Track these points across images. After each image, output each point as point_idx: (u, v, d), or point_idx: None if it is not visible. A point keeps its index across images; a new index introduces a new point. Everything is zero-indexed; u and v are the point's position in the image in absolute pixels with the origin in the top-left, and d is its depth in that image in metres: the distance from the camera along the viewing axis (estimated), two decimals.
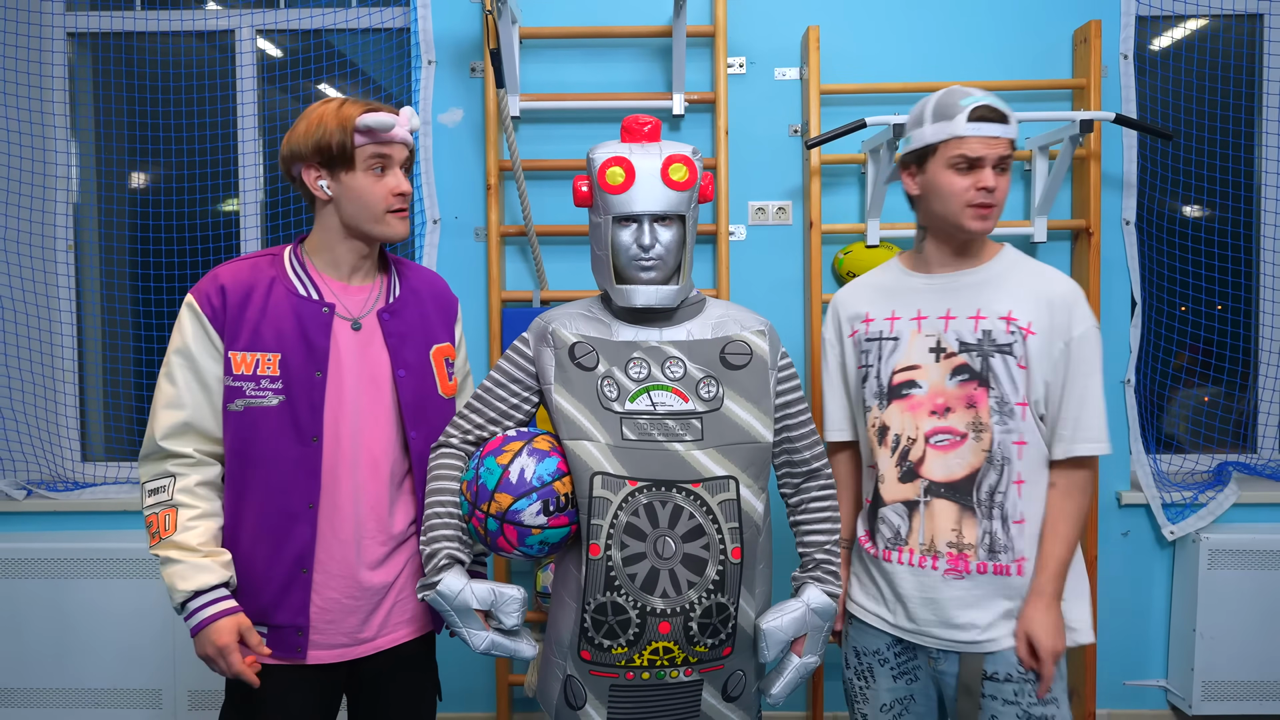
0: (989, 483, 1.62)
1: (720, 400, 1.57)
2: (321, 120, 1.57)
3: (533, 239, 2.77)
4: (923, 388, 1.67)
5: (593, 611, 1.50)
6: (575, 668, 1.54)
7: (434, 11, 2.82)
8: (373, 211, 1.60)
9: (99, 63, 3.10)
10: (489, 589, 1.53)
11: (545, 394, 1.61)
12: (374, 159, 1.59)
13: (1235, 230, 3.01)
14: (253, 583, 1.59)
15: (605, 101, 2.76)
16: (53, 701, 2.80)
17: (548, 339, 1.63)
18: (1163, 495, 2.85)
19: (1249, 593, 2.76)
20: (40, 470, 3.01)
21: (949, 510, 1.64)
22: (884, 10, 2.83)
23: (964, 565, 1.63)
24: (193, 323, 1.57)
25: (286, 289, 1.61)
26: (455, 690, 2.94)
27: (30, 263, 2.98)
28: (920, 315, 1.69)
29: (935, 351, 1.66)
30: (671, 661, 1.51)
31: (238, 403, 1.56)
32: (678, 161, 1.56)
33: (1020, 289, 1.64)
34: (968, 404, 1.63)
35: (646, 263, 1.57)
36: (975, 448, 1.62)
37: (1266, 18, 2.94)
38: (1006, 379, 1.62)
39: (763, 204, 2.87)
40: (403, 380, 1.65)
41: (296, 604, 1.59)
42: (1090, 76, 2.71)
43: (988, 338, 1.63)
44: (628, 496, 1.49)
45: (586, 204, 1.63)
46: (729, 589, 1.52)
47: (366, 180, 1.59)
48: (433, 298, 1.77)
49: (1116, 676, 2.93)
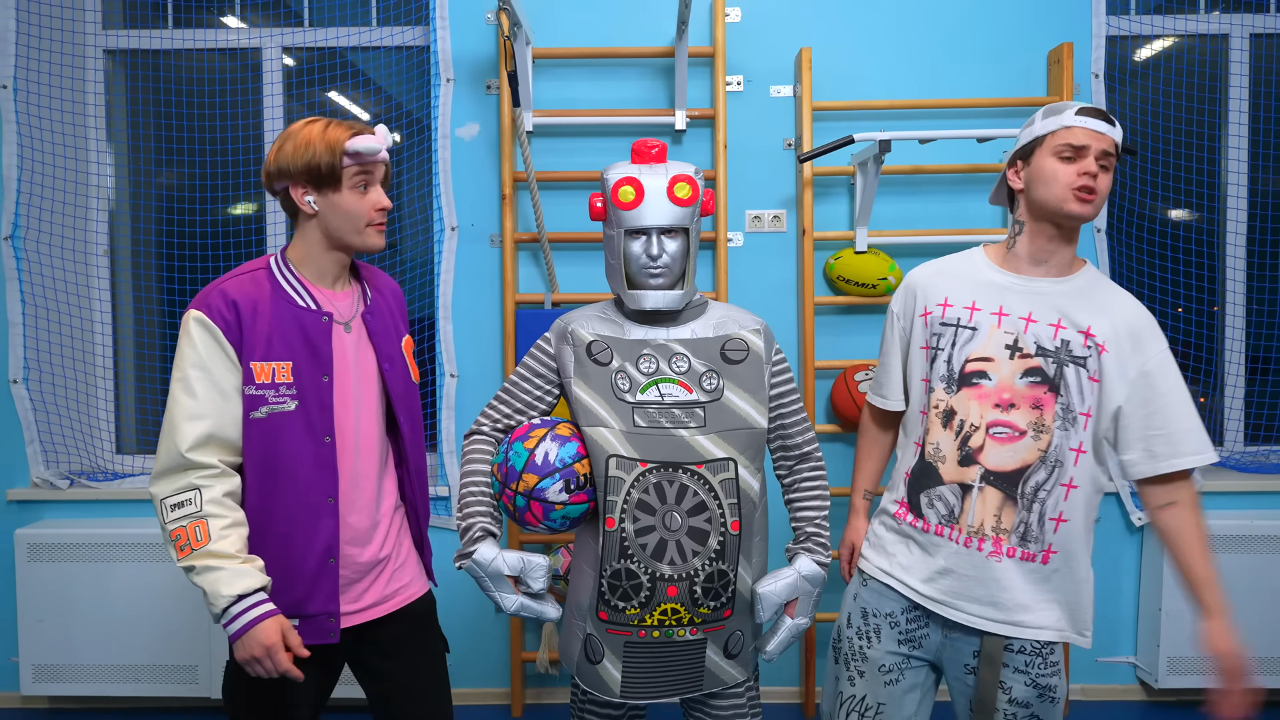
0: (1036, 479, 1.70)
1: (721, 391, 1.77)
2: (309, 143, 1.65)
3: (545, 245, 2.97)
4: (992, 380, 1.73)
5: (609, 577, 1.69)
6: (594, 627, 1.74)
7: (452, 32, 3.01)
8: (355, 225, 1.71)
9: (133, 79, 3.29)
10: (518, 557, 1.73)
11: (565, 387, 1.81)
12: (359, 177, 1.69)
13: (1202, 235, 3.20)
14: (286, 579, 1.69)
15: (613, 117, 2.96)
16: (97, 676, 2.98)
17: (567, 338, 1.83)
18: (1131, 484, 3.04)
19: None
20: (80, 461, 3.19)
21: (996, 498, 1.72)
22: (872, 33, 3.03)
23: (999, 548, 1.71)
24: (205, 337, 1.62)
25: (286, 301, 1.69)
26: (470, 667, 3.13)
27: (72, 266, 3.16)
28: (1002, 311, 1.74)
29: (1011, 349, 1.72)
30: (679, 621, 1.71)
31: (262, 410, 1.64)
32: (682, 180, 1.76)
33: (1100, 308, 1.70)
34: (1034, 404, 1.70)
35: (654, 270, 1.77)
36: (1032, 446, 1.70)
37: (1230, 39, 3.14)
38: (1076, 389, 1.68)
39: (759, 213, 3.06)
40: (389, 373, 1.80)
41: (326, 592, 1.71)
42: (1063, 94, 2.91)
43: (1065, 347, 1.69)
44: (639, 476, 1.69)
45: (601, 218, 1.83)
46: (729, 557, 1.72)
47: (352, 197, 1.69)
48: (390, 295, 1.90)
49: (1089, 653, 3.13)
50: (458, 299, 3.06)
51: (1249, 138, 3.15)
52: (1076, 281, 1.74)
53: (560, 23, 3.02)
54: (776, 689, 3.13)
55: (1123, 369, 1.67)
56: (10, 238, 3.04)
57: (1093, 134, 1.66)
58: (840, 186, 3.07)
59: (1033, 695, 1.73)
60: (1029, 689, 1.73)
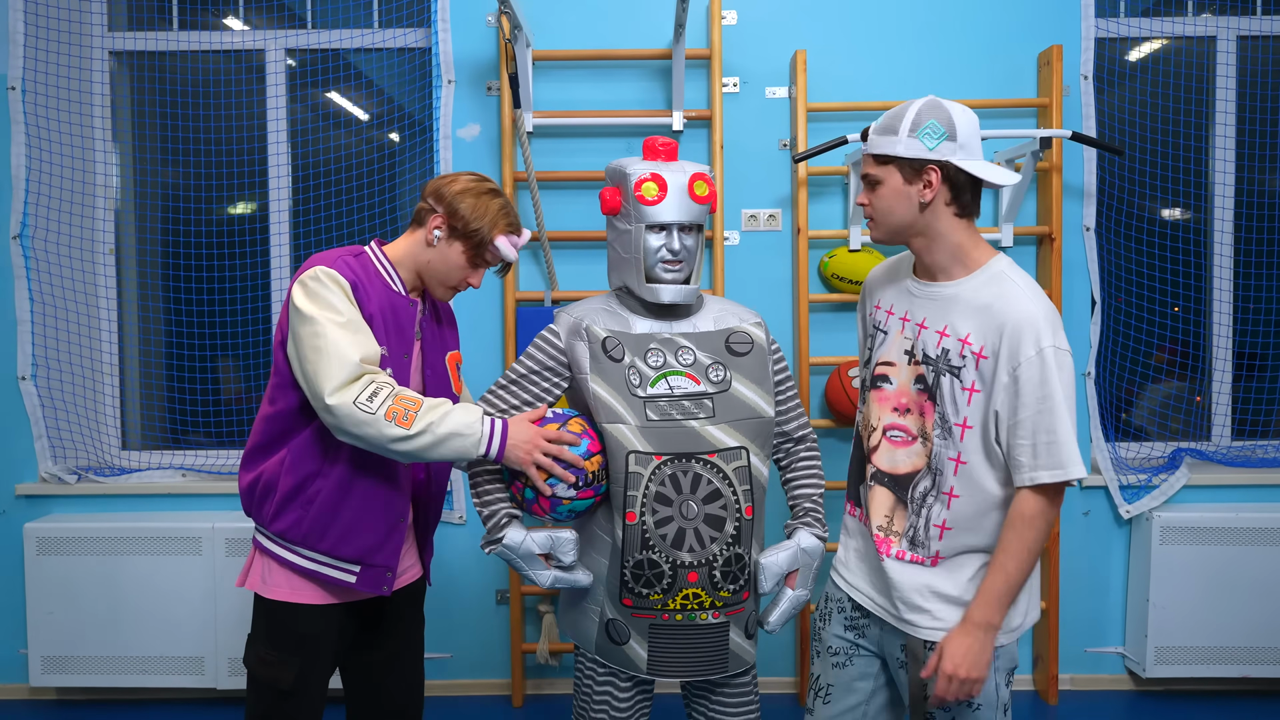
0: (924, 485, 1.68)
1: (729, 382, 1.83)
2: (487, 212, 1.80)
3: (545, 244, 3.02)
4: (893, 384, 1.74)
5: (632, 567, 1.76)
6: (618, 612, 1.80)
7: (454, 34, 3.05)
8: (445, 282, 1.85)
9: (138, 80, 3.33)
10: (546, 535, 1.80)
11: (579, 382, 1.84)
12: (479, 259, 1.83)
13: (1189, 235, 3.25)
14: (362, 529, 1.80)
15: (611, 118, 3.01)
16: (106, 668, 3.03)
17: (581, 334, 1.86)
18: (1120, 478, 3.11)
19: (1197, 566, 3.01)
20: (88, 456, 3.24)
21: (886, 498, 1.73)
22: (865, 36, 3.09)
23: (887, 549, 1.71)
24: (336, 287, 1.71)
25: (384, 284, 1.82)
26: (471, 658, 3.18)
27: (78, 265, 3.21)
28: (906, 317, 1.74)
29: (909, 355, 1.71)
30: (700, 605, 1.77)
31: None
32: (701, 179, 1.82)
33: (983, 311, 1.62)
34: (920, 412, 1.69)
35: (673, 265, 1.83)
36: (920, 451, 1.69)
37: (1218, 41, 3.20)
38: (950, 400, 1.63)
39: (755, 212, 3.12)
40: (430, 379, 1.91)
41: (393, 548, 1.84)
42: (1053, 96, 2.97)
43: (944, 356, 1.65)
44: (655, 469, 1.75)
45: (615, 212, 1.86)
46: (744, 541, 1.79)
47: (461, 262, 1.82)
48: (446, 311, 2.04)
49: (1078, 644, 3.19)
50: (459, 296, 3.01)
51: (1236, 138, 3.20)
52: (972, 283, 1.66)
53: (560, 25, 3.07)
54: (773, 679, 3.19)
55: (998, 373, 1.58)
56: (19, 237, 3.09)
57: (864, 158, 1.71)
58: (834, 186, 3.13)
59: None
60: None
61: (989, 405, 1.60)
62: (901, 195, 1.64)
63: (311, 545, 1.79)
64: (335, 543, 1.79)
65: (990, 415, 1.60)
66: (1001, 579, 1.59)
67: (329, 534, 1.78)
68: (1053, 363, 1.56)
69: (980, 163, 1.63)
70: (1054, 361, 1.56)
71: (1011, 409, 1.58)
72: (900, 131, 1.61)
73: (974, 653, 1.59)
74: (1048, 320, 1.58)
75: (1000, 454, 1.62)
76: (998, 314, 1.59)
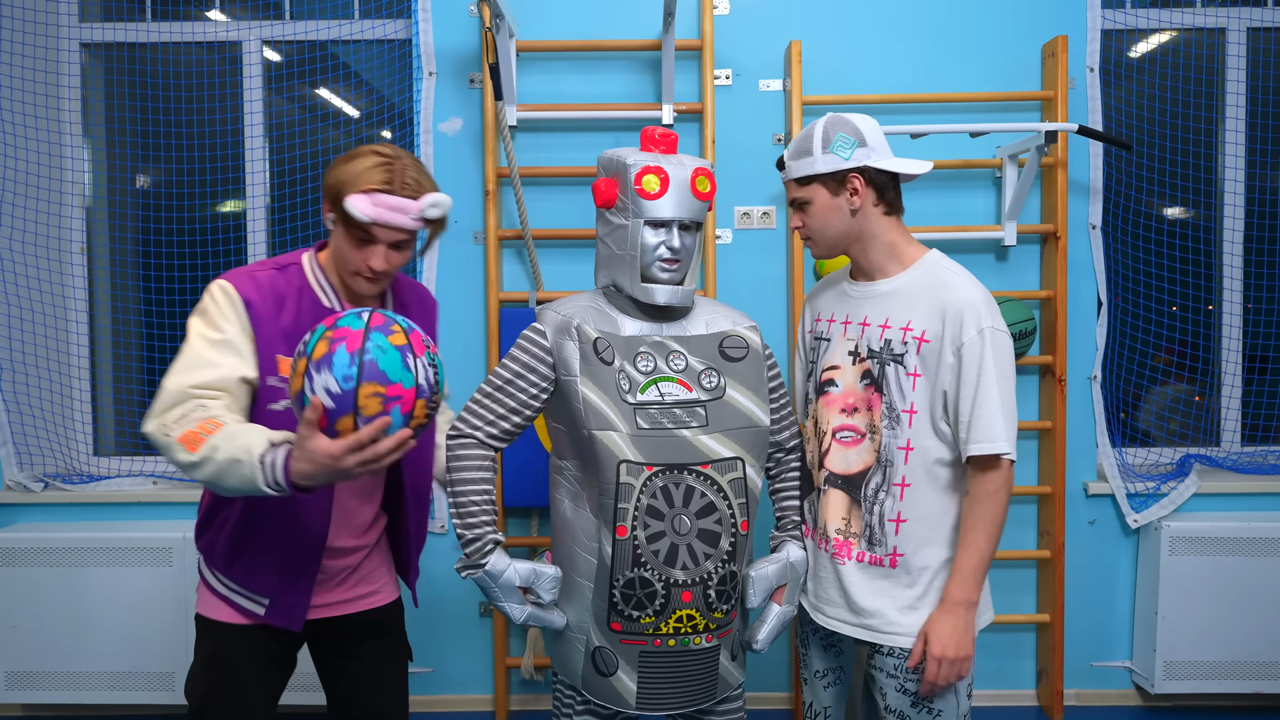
0: (875, 481, 1.72)
1: (723, 389, 1.72)
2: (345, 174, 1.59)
3: (529, 242, 2.91)
4: (839, 386, 1.78)
5: (622, 587, 1.63)
6: (605, 639, 1.68)
7: (434, 25, 2.94)
8: (343, 268, 1.66)
9: (111, 72, 3.22)
10: (530, 568, 1.68)
11: (566, 385, 1.70)
12: (358, 229, 1.59)
13: (1198, 233, 3.15)
14: (272, 563, 1.69)
15: (598, 112, 2.90)
16: (73, 684, 2.91)
17: (571, 333, 1.72)
18: (1127, 486, 3.00)
19: (1207, 577, 2.90)
20: (56, 464, 3.13)
21: (841, 500, 1.76)
22: (863, 26, 2.98)
23: (847, 552, 1.74)
24: (227, 303, 1.59)
25: (313, 299, 1.68)
26: (454, 674, 3.07)
27: (46, 265, 3.10)
28: (847, 320, 1.80)
29: (853, 355, 1.77)
30: (694, 629, 1.65)
31: (281, 403, 1.63)
32: (703, 174, 1.71)
33: (923, 299, 1.70)
34: (868, 406, 1.73)
35: (671, 264, 1.71)
36: (869, 448, 1.73)
37: (1228, 32, 3.09)
38: (896, 387, 1.70)
39: (748, 209, 3.01)
40: None
41: (305, 582, 1.72)
42: (1058, 89, 2.86)
43: (887, 347, 1.71)
44: (646, 480, 1.63)
45: (609, 204, 1.73)
46: (739, 558, 1.68)
47: (347, 242, 1.61)
48: (418, 306, 1.87)
49: (1083, 658, 3.08)
50: (440, 298, 2.95)
51: (1246, 134, 3.10)
52: (908, 277, 1.75)
53: (544, 15, 2.96)
54: (766, 694, 3.08)
55: (942, 354, 1.66)
56: None
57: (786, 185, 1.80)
58: None
59: (905, 704, 1.71)
60: (900, 695, 1.71)
61: (934, 387, 1.67)
62: (832, 208, 1.74)
63: (224, 570, 1.72)
64: (244, 574, 1.71)
65: (937, 396, 1.67)
66: (974, 553, 1.65)
67: (237, 564, 1.71)
68: (990, 343, 1.64)
69: (895, 159, 1.72)
70: (992, 342, 1.64)
71: (955, 387, 1.66)
72: (814, 151, 1.72)
73: (959, 632, 1.64)
74: (986, 304, 1.67)
75: (948, 434, 1.68)
76: (939, 300, 1.68)
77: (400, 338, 1.41)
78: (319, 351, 1.38)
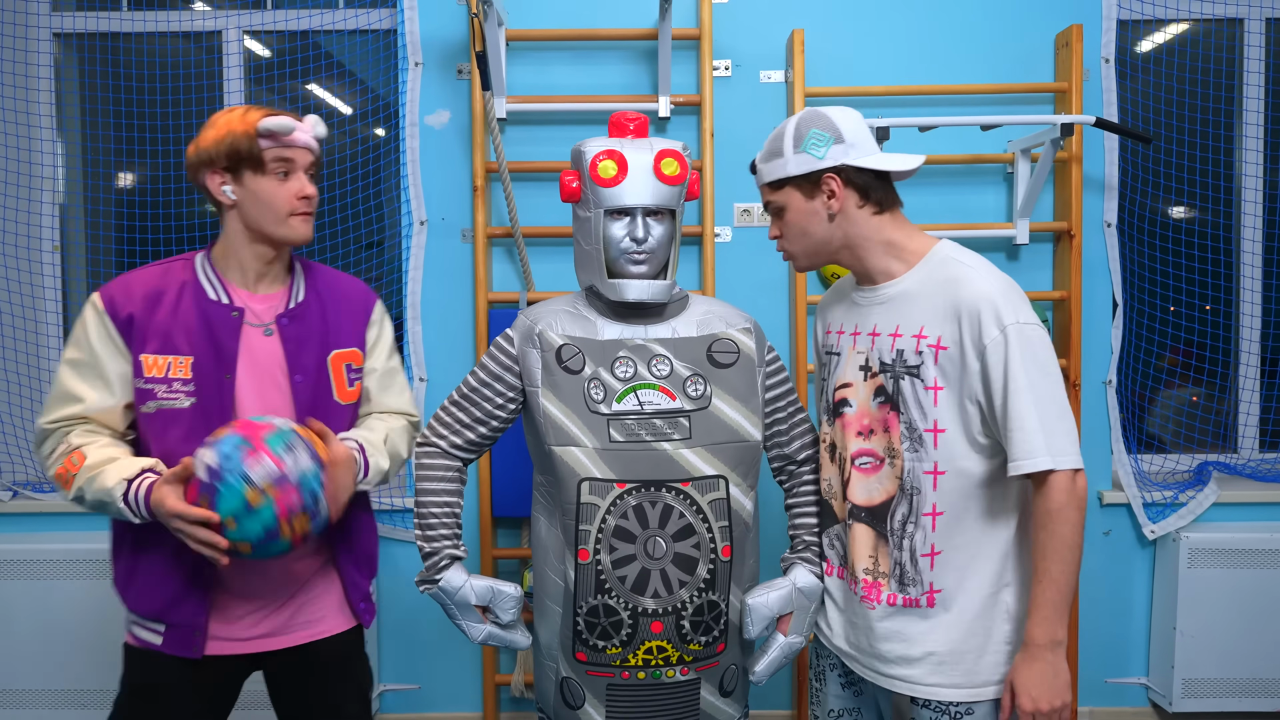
0: (901, 511, 1.52)
1: (708, 399, 1.58)
2: (229, 127, 1.60)
3: (519, 241, 2.78)
4: (853, 407, 1.59)
5: (585, 614, 1.51)
6: (571, 669, 1.55)
7: (420, 13, 2.82)
8: (276, 213, 1.63)
9: (85, 63, 3.09)
10: (488, 586, 1.57)
11: (530, 396, 1.61)
12: (277, 162, 1.61)
13: (1216, 232, 3.03)
14: (160, 581, 1.61)
15: (591, 104, 2.77)
16: (37, 702, 2.78)
17: (534, 340, 1.61)
18: (1143, 495, 2.88)
19: (1228, 591, 2.78)
20: (25, 471, 3.00)
21: (867, 536, 1.56)
22: (868, 14, 2.85)
23: (876, 595, 1.55)
24: (96, 323, 1.59)
25: (196, 294, 1.63)
26: (441, 691, 2.94)
27: (16, 263, 2.97)
28: (856, 331, 1.61)
29: (864, 370, 1.58)
30: (666, 661, 1.53)
31: (149, 404, 1.58)
32: (669, 156, 1.57)
33: (935, 300, 1.50)
34: (884, 427, 1.53)
35: (638, 256, 1.58)
36: (890, 474, 1.53)
37: (1246, 22, 2.97)
38: (914, 404, 1.49)
39: (748, 206, 2.88)
40: (299, 385, 1.65)
41: (195, 604, 1.61)
42: (1072, 80, 2.74)
43: (900, 358, 1.51)
44: (616, 500, 1.50)
45: (575, 199, 1.62)
46: (719, 586, 1.54)
47: (270, 184, 1.62)
48: (343, 302, 1.75)
49: (1098, 674, 2.96)
50: (427, 298, 2.87)
51: (1267, 127, 2.97)
52: (915, 275, 1.54)
53: (535, 2, 2.83)
54: (766, 713, 2.95)
55: (965, 360, 1.45)
56: None
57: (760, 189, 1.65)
58: None
59: None
60: None
61: (963, 399, 1.47)
62: (808, 213, 1.56)
63: (122, 594, 1.65)
64: (137, 598, 1.63)
65: (970, 409, 1.47)
66: (1048, 585, 1.43)
67: (131, 587, 1.63)
68: (1015, 342, 1.42)
69: (877, 155, 1.54)
70: (1018, 340, 1.42)
71: (987, 398, 1.45)
72: (785, 151, 1.56)
73: (1048, 678, 1.43)
74: (1005, 295, 1.45)
75: (992, 448, 1.48)
76: (952, 298, 1.47)
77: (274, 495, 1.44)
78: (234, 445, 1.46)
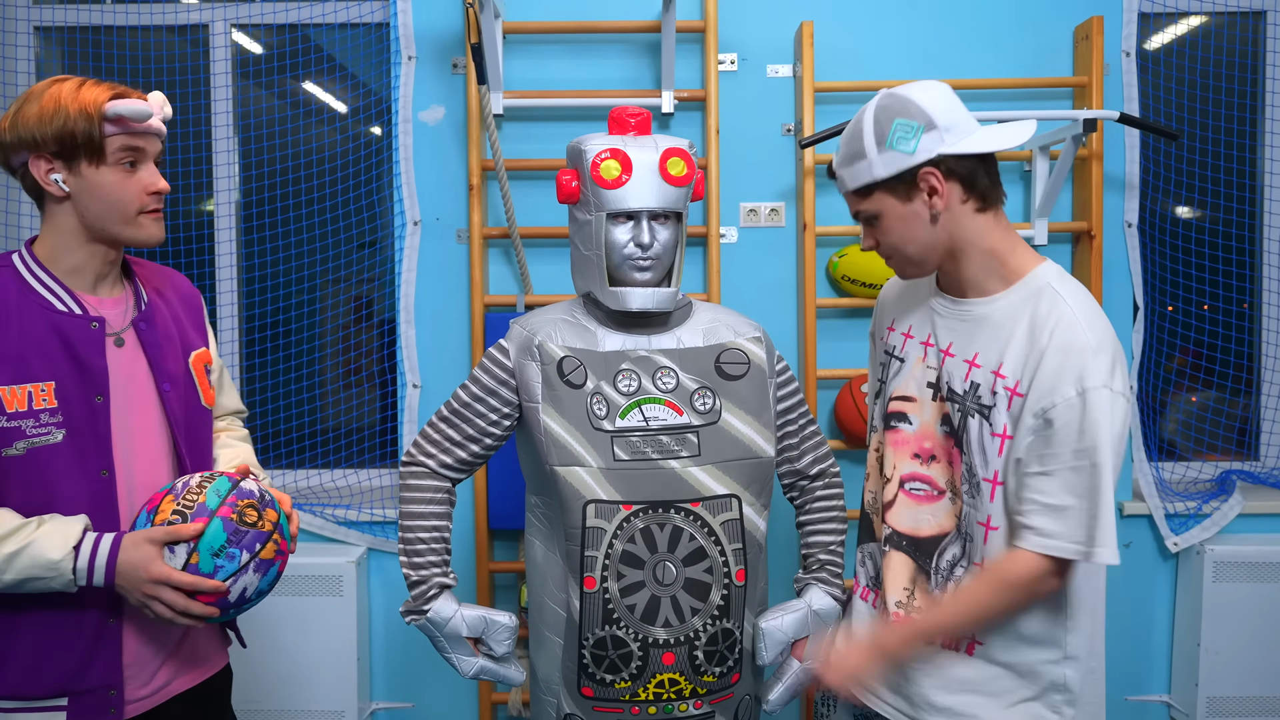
0: (952, 553, 1.39)
1: (718, 413, 1.48)
2: (59, 104, 1.32)
3: (516, 241, 2.68)
4: (913, 425, 1.44)
5: (592, 646, 1.42)
6: (576, 705, 1.45)
7: (414, 6, 2.72)
8: (124, 212, 1.38)
9: (67, 58, 3.00)
10: (480, 616, 1.47)
11: (529, 412, 1.51)
12: (124, 152, 1.37)
13: (1238, 232, 2.94)
14: (58, 647, 1.36)
15: (592, 99, 2.67)
16: None
17: (533, 352, 1.51)
18: (1165, 505, 2.77)
19: (1255, 606, 2.68)
20: None
21: (905, 566, 1.43)
22: (879, 6, 2.75)
23: None
24: None
25: (41, 305, 1.36)
26: (435, 709, 2.84)
27: None
28: (928, 341, 1.44)
29: (932, 388, 1.42)
30: (679, 694, 1.43)
31: (19, 445, 1.32)
32: (676, 155, 1.47)
33: (1021, 335, 1.32)
34: (948, 459, 1.39)
35: (643, 263, 1.49)
36: (948, 510, 1.39)
37: (1269, 15, 2.87)
38: (978, 448, 1.34)
39: (755, 205, 2.78)
40: (169, 395, 1.46)
41: (107, 662, 1.38)
42: (1092, 74, 2.64)
43: (972, 392, 1.35)
44: (623, 523, 1.41)
45: (573, 200, 1.52)
46: (734, 613, 1.44)
47: (115, 176, 1.37)
48: (179, 299, 1.58)
49: (1118, 692, 2.85)
50: (421, 301, 2.77)
51: None
52: (1008, 299, 1.35)
53: None
54: None
55: (1023, 415, 1.29)
56: None
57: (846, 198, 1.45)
58: None
59: None
60: None
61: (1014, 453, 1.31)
62: (907, 218, 1.36)
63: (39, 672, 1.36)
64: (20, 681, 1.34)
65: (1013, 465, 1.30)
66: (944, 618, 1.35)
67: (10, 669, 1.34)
68: (1099, 408, 1.23)
69: (978, 135, 1.33)
70: (1101, 406, 1.24)
71: (1039, 458, 1.27)
72: (868, 151, 1.34)
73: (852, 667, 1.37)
74: (1100, 352, 1.26)
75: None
76: (1037, 339, 1.29)
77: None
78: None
